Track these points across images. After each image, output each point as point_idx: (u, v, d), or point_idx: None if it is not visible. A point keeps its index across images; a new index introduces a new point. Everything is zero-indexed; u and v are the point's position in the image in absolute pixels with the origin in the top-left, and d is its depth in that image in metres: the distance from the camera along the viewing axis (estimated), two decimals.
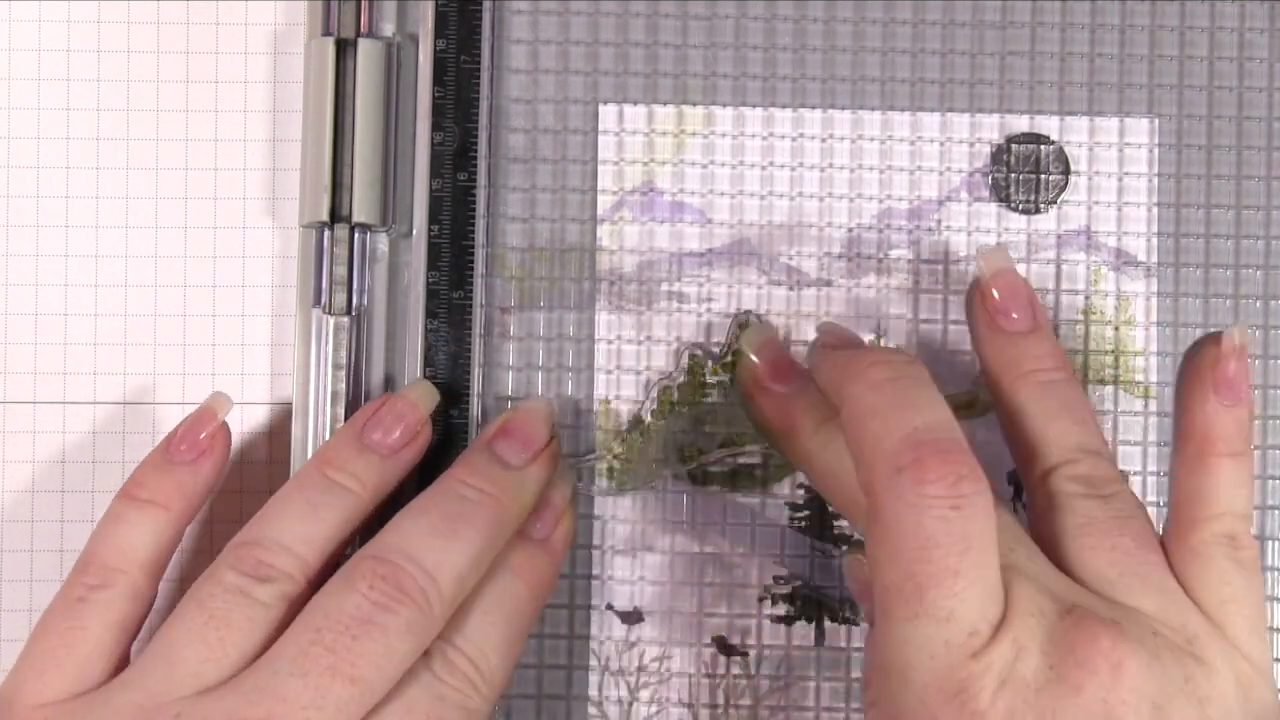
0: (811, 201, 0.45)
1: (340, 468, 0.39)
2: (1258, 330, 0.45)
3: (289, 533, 0.38)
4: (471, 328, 0.43)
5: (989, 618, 0.33)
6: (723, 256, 0.45)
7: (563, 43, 0.45)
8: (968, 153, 0.45)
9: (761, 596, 0.45)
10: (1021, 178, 0.45)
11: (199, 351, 0.44)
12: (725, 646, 0.44)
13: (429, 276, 0.43)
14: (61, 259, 0.44)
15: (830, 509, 0.44)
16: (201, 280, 0.45)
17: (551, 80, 0.45)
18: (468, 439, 0.43)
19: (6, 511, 0.44)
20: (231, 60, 0.45)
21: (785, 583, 0.44)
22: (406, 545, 0.36)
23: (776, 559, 0.45)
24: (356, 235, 0.43)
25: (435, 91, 0.43)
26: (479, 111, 0.43)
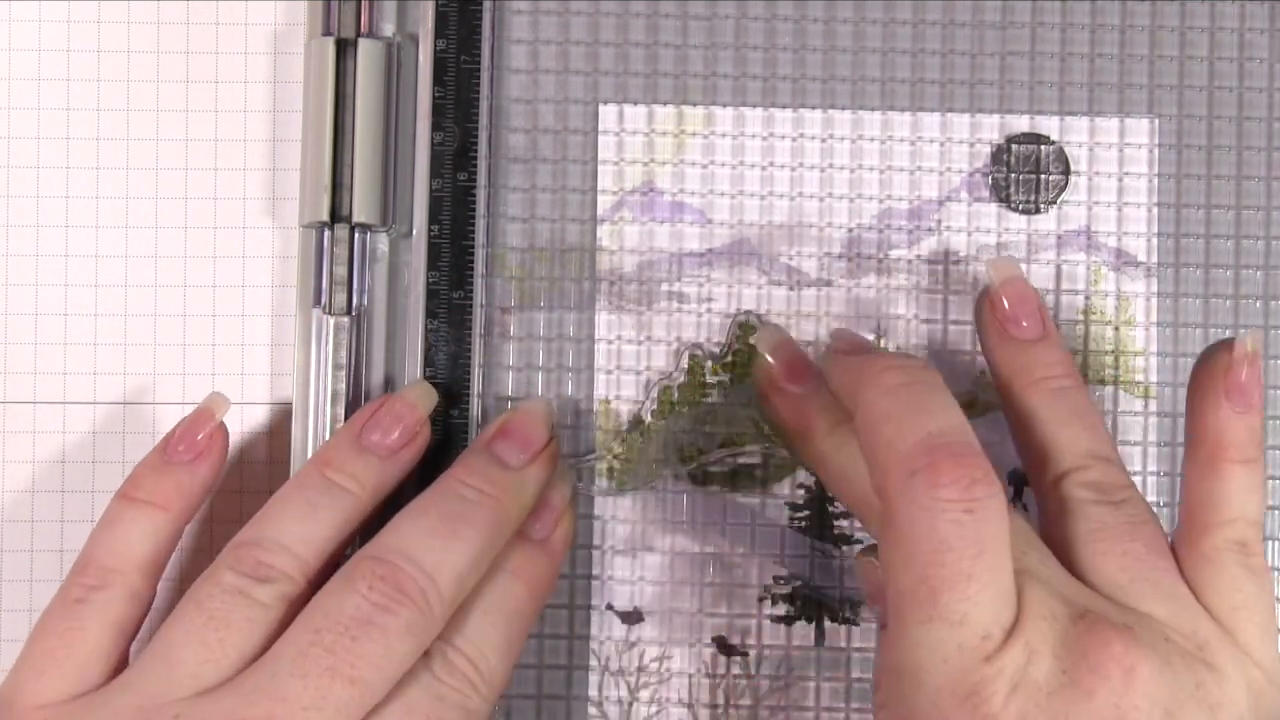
0: (811, 201, 0.45)
1: (339, 468, 0.39)
2: (1258, 331, 0.45)
3: (288, 533, 0.38)
4: (471, 328, 0.43)
5: (1002, 621, 0.33)
6: (723, 256, 0.45)
7: (563, 43, 0.45)
8: (968, 153, 0.45)
9: (761, 596, 0.45)
10: (1021, 178, 0.45)
11: (199, 351, 0.44)
12: (725, 646, 0.44)
13: (429, 276, 0.43)
14: (61, 259, 0.44)
15: (830, 509, 0.44)
16: (201, 280, 0.45)
17: (551, 80, 0.45)
18: (468, 439, 0.43)
19: (6, 511, 0.44)
20: (231, 60, 0.45)
21: (785, 583, 0.44)
22: (406, 546, 0.36)
23: (776, 559, 0.45)
24: (356, 235, 0.43)
25: (435, 91, 0.43)
26: (479, 111, 0.43)
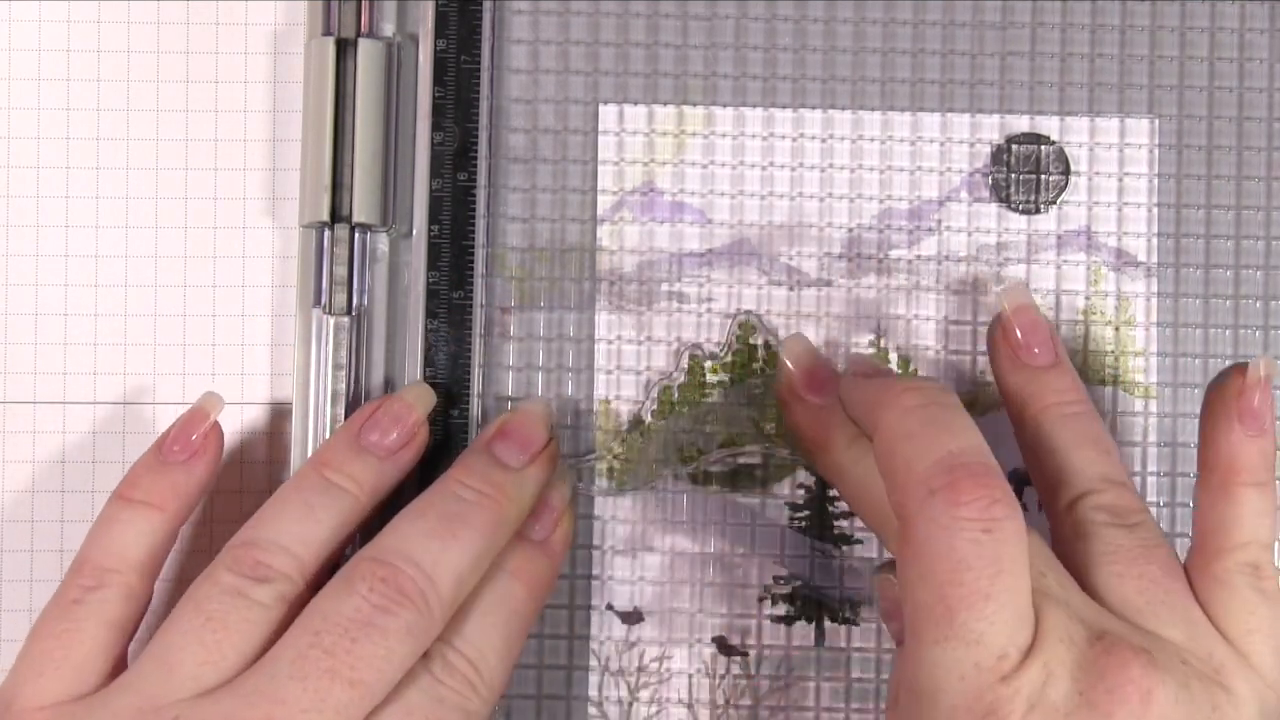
0: (811, 202, 0.45)
1: (337, 469, 0.39)
2: (1258, 331, 0.45)
3: (286, 533, 0.38)
4: (471, 328, 0.43)
5: (1019, 642, 0.33)
6: (723, 256, 0.45)
7: (563, 43, 0.45)
8: (968, 153, 0.45)
9: (761, 596, 0.45)
10: (1021, 178, 0.45)
11: (199, 351, 0.44)
12: (725, 646, 0.44)
13: (429, 276, 0.43)
14: (61, 259, 0.44)
15: (830, 509, 0.44)
16: (201, 280, 0.45)
17: (552, 80, 0.45)
18: (468, 439, 0.43)
19: (6, 511, 0.44)
20: (231, 60, 0.45)
21: (785, 583, 0.44)
22: (405, 547, 0.36)
23: (776, 559, 0.45)
24: (356, 235, 0.43)
25: (435, 91, 0.43)
26: (479, 111, 0.43)
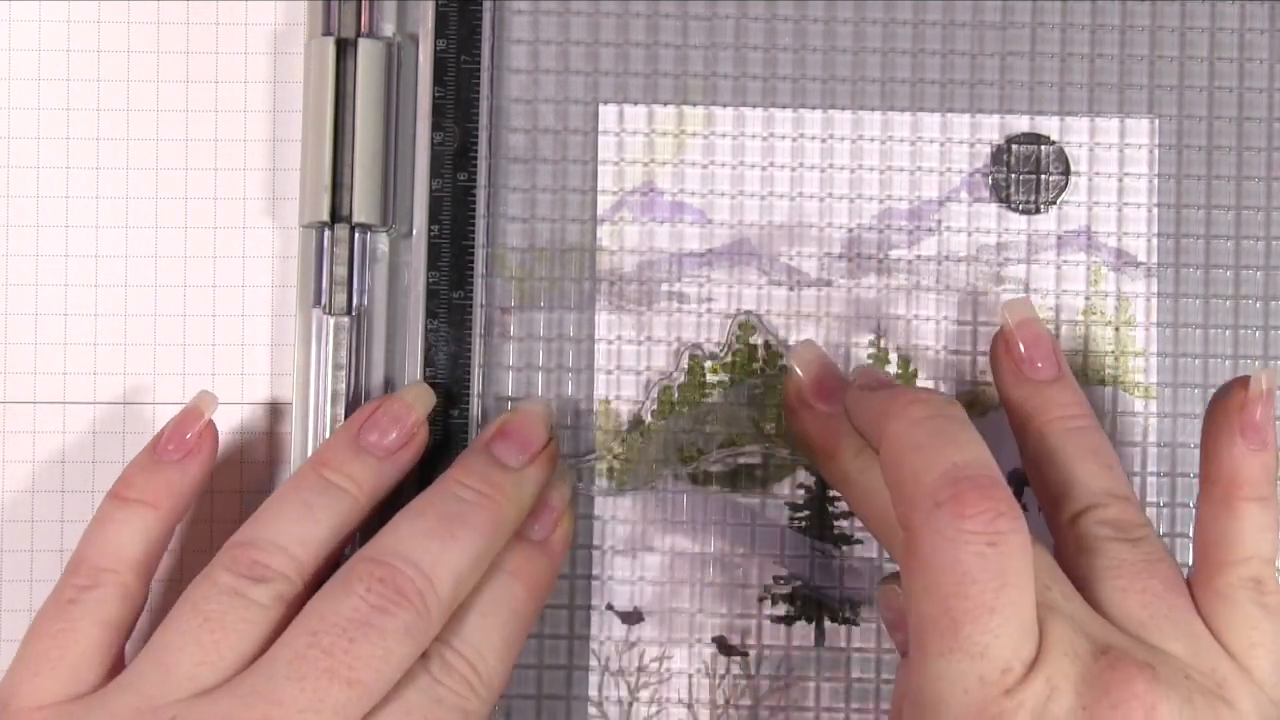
0: (811, 202, 0.45)
1: (336, 469, 0.39)
2: (1258, 331, 0.45)
3: (284, 533, 0.38)
4: (471, 328, 0.43)
5: (1023, 655, 0.33)
6: (723, 256, 0.45)
7: (563, 43, 0.45)
8: (968, 153, 0.45)
9: (761, 596, 0.45)
10: (1021, 178, 0.45)
11: (199, 351, 0.44)
12: (725, 646, 0.44)
13: (429, 276, 0.43)
14: (61, 259, 0.44)
15: (830, 509, 0.44)
16: (201, 280, 0.45)
17: (551, 80, 0.45)
18: (468, 439, 0.43)
19: (6, 511, 0.44)
20: (231, 60, 0.45)
21: (785, 583, 0.44)
22: (404, 547, 0.36)
23: (776, 559, 0.45)
24: (356, 235, 0.43)
25: (435, 91, 0.43)
26: (479, 111, 0.43)
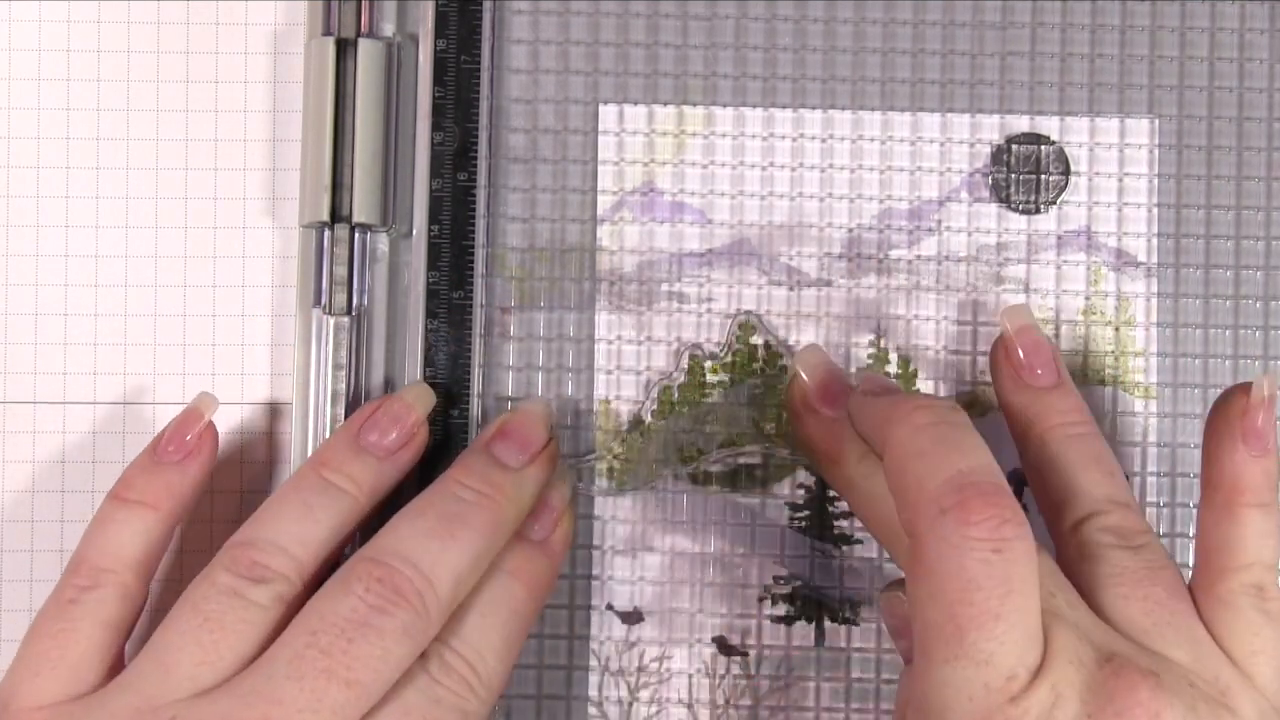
0: (811, 202, 0.45)
1: (336, 469, 0.39)
2: (1258, 331, 0.45)
3: (284, 533, 0.38)
4: (471, 328, 0.43)
5: (1028, 663, 0.33)
6: (723, 256, 0.45)
7: (563, 43, 0.45)
8: (968, 153, 0.45)
9: (761, 596, 0.45)
10: (1021, 178, 0.45)
11: (199, 351, 0.44)
12: (725, 646, 0.44)
13: (429, 276, 0.43)
14: (61, 259, 0.44)
15: (830, 509, 0.44)
16: (201, 280, 0.45)
17: (551, 80, 0.45)
18: (468, 439, 0.43)
19: (6, 511, 0.44)
20: (231, 60, 0.45)
21: (785, 583, 0.44)
22: (403, 547, 0.36)
23: (776, 559, 0.45)
24: (356, 235, 0.43)
25: (435, 91, 0.43)
26: (479, 111, 0.43)
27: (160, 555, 0.40)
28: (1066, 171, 0.45)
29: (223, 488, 0.44)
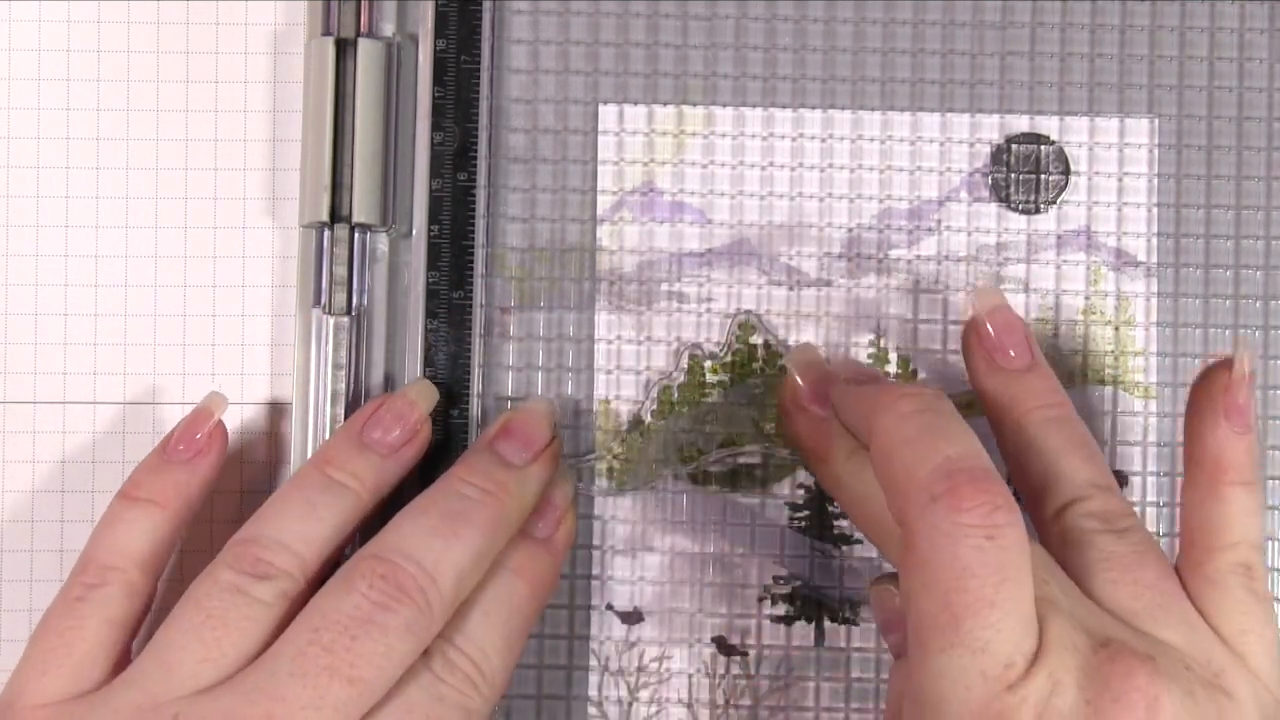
0: (811, 201, 0.45)
1: (340, 466, 0.39)
2: (1258, 331, 0.45)
3: (288, 531, 0.38)
4: (471, 328, 0.43)
5: (1024, 650, 0.33)
6: (723, 256, 0.45)
7: (563, 43, 0.45)
8: (968, 153, 0.45)
9: (761, 596, 0.45)
10: (1021, 178, 0.45)
11: (199, 351, 0.44)
12: (725, 646, 0.44)
13: (429, 276, 0.43)
14: (61, 259, 0.44)
15: (830, 509, 0.44)
16: (201, 280, 0.45)
17: (551, 80, 0.45)
18: (468, 439, 0.43)
19: (6, 511, 0.44)
20: (231, 60, 0.45)
21: (785, 583, 0.44)
22: (406, 545, 0.36)
23: (776, 559, 0.45)
24: (356, 235, 0.43)
25: (435, 91, 0.43)
26: (479, 111, 0.43)
27: (168, 554, 0.40)
28: (1066, 171, 0.45)
29: (223, 488, 0.44)
